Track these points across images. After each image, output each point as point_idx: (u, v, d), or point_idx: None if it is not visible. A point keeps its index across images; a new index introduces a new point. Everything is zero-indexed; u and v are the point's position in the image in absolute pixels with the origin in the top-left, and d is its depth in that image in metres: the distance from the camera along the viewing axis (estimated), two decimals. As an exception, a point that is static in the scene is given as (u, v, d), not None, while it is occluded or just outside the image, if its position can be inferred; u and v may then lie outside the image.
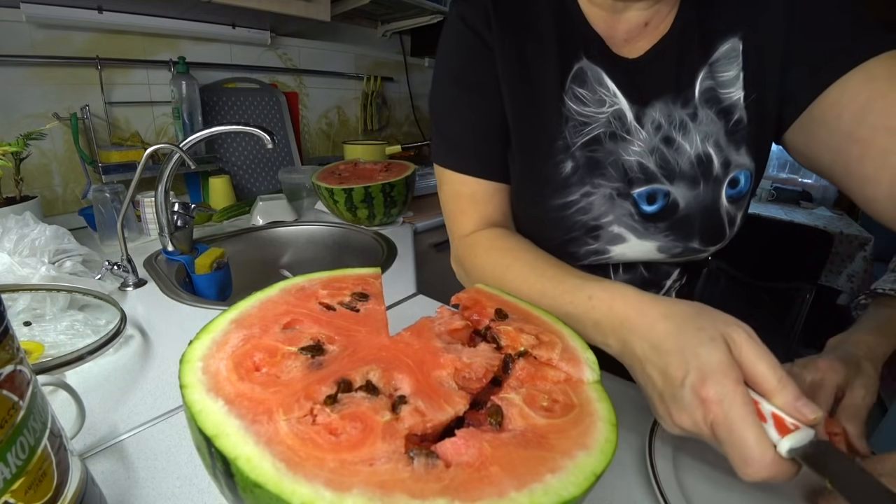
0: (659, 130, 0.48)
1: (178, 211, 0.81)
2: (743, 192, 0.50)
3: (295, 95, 1.49)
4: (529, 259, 0.46)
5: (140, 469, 0.38)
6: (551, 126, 0.50)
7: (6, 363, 0.24)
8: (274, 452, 0.22)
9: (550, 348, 0.34)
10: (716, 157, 0.48)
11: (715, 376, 0.29)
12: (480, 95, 0.52)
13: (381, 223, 1.09)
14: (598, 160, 0.49)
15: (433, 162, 0.58)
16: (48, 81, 1.00)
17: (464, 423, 0.27)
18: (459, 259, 0.55)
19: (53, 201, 1.05)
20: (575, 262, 0.53)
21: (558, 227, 0.52)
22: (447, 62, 0.54)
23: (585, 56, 0.49)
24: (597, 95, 0.49)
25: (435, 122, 0.56)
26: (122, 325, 0.54)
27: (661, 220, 0.50)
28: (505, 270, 0.47)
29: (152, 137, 1.19)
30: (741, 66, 0.48)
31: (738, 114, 0.48)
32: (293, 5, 1.13)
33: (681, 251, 0.51)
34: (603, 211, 0.50)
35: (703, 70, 0.48)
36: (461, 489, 0.22)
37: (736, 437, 0.27)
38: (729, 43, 0.48)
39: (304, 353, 0.29)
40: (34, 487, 0.24)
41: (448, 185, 0.55)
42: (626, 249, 0.52)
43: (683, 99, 0.48)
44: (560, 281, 0.42)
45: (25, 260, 0.60)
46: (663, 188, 0.49)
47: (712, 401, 0.28)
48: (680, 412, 0.31)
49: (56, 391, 0.42)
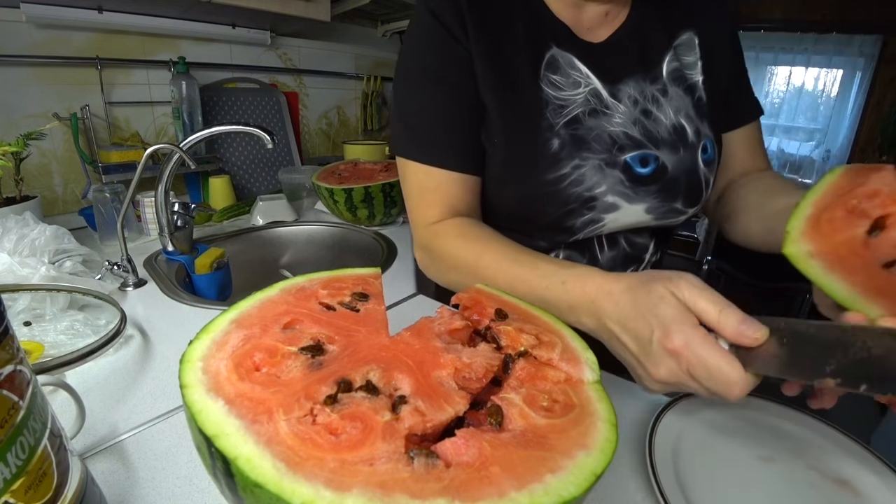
0: (636, 105, 0.53)
1: (178, 211, 0.81)
2: (711, 157, 0.56)
3: (295, 95, 1.49)
4: (500, 246, 0.49)
5: (140, 469, 0.38)
6: (533, 109, 0.52)
7: (6, 363, 0.24)
8: (274, 452, 0.22)
9: (550, 348, 0.34)
10: (688, 126, 0.54)
11: (674, 326, 0.32)
12: (448, 88, 0.53)
13: (381, 223, 1.09)
14: (580, 136, 0.52)
15: (394, 154, 0.58)
16: (48, 81, 1.00)
17: (464, 423, 0.27)
18: (426, 246, 0.56)
19: (53, 201, 1.05)
20: (570, 237, 0.56)
21: (554, 202, 0.53)
22: (415, 55, 0.55)
23: (555, 44, 0.53)
24: (570, 79, 0.53)
25: (399, 114, 0.57)
26: (122, 325, 0.54)
27: (653, 183, 0.53)
28: (478, 257, 0.49)
29: (152, 137, 1.19)
30: (699, 55, 0.56)
31: (699, 93, 0.56)
32: (293, 5, 1.13)
33: (665, 211, 0.55)
34: (595, 181, 0.52)
35: (669, 53, 0.55)
36: (461, 489, 0.22)
37: (713, 370, 0.31)
38: (686, 34, 0.56)
39: (304, 353, 0.29)
40: (34, 487, 0.24)
41: (413, 175, 0.56)
42: (619, 216, 0.54)
43: (652, 77, 0.54)
44: (533, 267, 0.45)
45: (25, 260, 0.60)
46: (652, 153, 0.52)
47: (680, 348, 0.32)
48: (657, 366, 0.34)
49: (56, 391, 0.42)
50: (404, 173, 0.57)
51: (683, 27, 0.55)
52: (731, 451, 0.41)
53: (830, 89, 3.00)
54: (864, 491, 0.38)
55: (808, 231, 0.32)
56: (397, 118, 0.58)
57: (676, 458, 0.40)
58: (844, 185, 0.34)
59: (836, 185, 0.34)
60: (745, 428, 0.44)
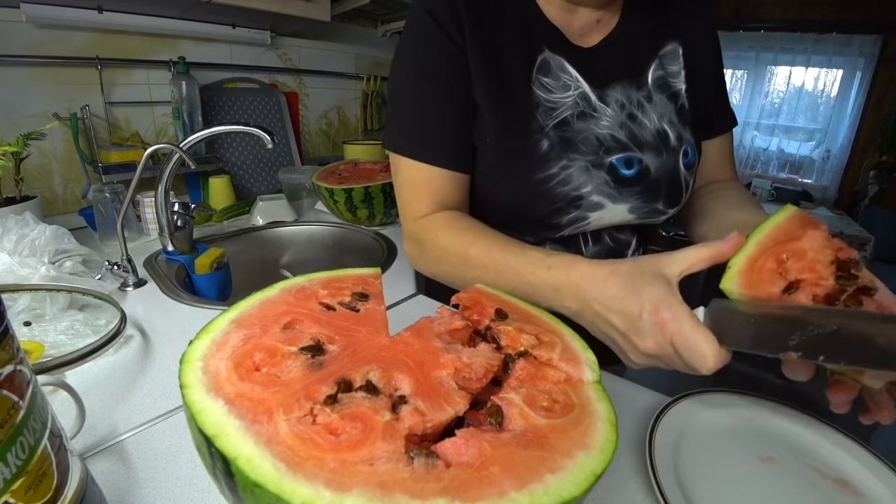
0: (623, 109, 0.55)
1: (178, 211, 0.81)
2: (692, 161, 0.58)
3: (295, 95, 1.49)
4: (489, 237, 0.51)
5: (140, 469, 0.38)
6: (524, 110, 0.54)
7: (6, 363, 0.24)
8: (274, 452, 0.22)
9: (550, 348, 0.34)
10: (671, 131, 0.56)
11: (664, 302, 0.36)
12: (442, 87, 0.55)
13: (381, 223, 1.09)
14: (569, 138, 0.54)
15: (387, 148, 0.59)
16: (48, 81, 1.00)
17: (464, 423, 0.27)
18: (416, 238, 0.58)
19: (53, 201, 1.05)
20: (556, 233, 0.58)
21: (542, 200, 0.55)
22: (410, 53, 0.57)
23: (547, 48, 0.55)
24: (561, 82, 0.55)
25: (394, 111, 0.59)
26: (122, 325, 0.54)
27: (637, 184, 0.55)
28: (468, 246, 0.51)
29: (152, 137, 1.19)
30: (682, 65, 0.58)
31: (681, 100, 0.58)
32: (293, 5, 1.13)
33: (647, 211, 0.57)
34: (582, 181, 0.54)
35: (655, 62, 0.57)
36: (461, 489, 0.22)
37: (692, 343, 0.34)
38: (672, 45, 0.58)
39: (304, 353, 0.29)
40: (34, 487, 0.24)
41: (405, 171, 0.57)
42: (603, 214, 0.57)
43: (638, 83, 0.56)
44: (521, 255, 0.47)
45: (25, 260, 0.60)
46: (636, 155, 0.55)
47: (667, 320, 0.35)
48: (644, 339, 0.37)
49: (56, 391, 0.42)
50: (396, 168, 0.59)
51: (669, 38, 0.58)
52: (731, 451, 0.41)
53: (830, 89, 3.00)
54: (864, 491, 0.38)
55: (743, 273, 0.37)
56: (391, 114, 0.59)
57: (676, 458, 0.40)
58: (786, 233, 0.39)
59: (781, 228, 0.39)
60: (745, 428, 0.44)
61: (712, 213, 0.58)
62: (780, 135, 3.20)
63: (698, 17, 0.60)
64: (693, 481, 0.38)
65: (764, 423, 0.45)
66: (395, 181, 0.60)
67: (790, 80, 3.07)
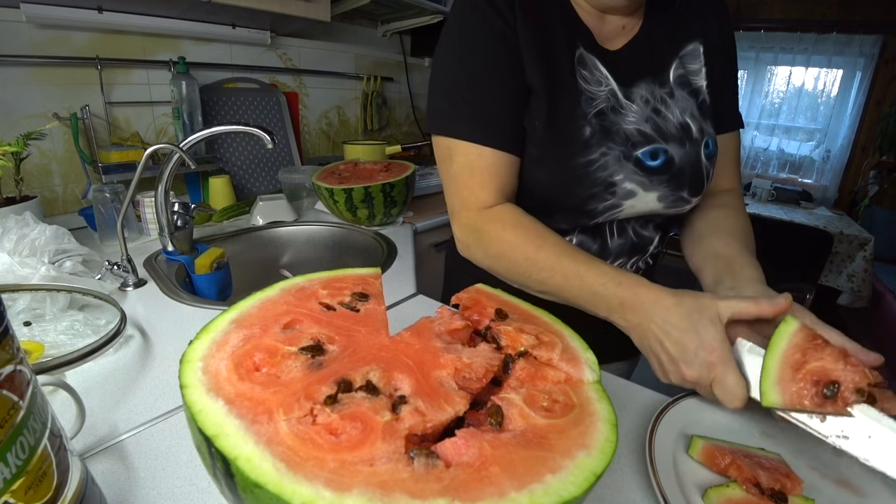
0: (648, 104, 0.58)
1: (178, 211, 0.81)
2: (713, 153, 0.62)
3: (295, 95, 1.49)
4: (556, 241, 0.54)
5: (140, 469, 0.38)
6: (571, 97, 0.56)
7: (6, 363, 0.24)
8: (274, 452, 0.22)
9: (550, 348, 0.34)
10: (693, 124, 0.59)
11: (718, 350, 0.42)
12: (501, 70, 0.55)
13: (381, 223, 1.09)
14: (607, 127, 0.57)
15: (440, 133, 0.58)
16: (48, 81, 1.00)
17: (464, 423, 0.27)
18: (477, 228, 0.57)
19: (53, 201, 1.05)
20: (590, 220, 0.60)
21: (582, 184, 0.57)
22: (465, 36, 0.57)
23: (582, 45, 0.57)
24: (595, 76, 0.58)
25: (445, 94, 0.57)
26: (122, 325, 0.54)
27: (664, 173, 0.58)
28: (537, 249, 0.53)
29: (152, 137, 1.19)
30: (703, 63, 0.62)
31: (702, 96, 0.62)
32: (293, 5, 1.13)
33: (674, 199, 0.60)
34: (615, 169, 0.57)
35: (675, 61, 0.61)
36: (461, 489, 0.22)
37: (729, 384, 0.40)
38: (692, 45, 0.61)
39: (305, 354, 0.29)
40: (34, 487, 0.24)
41: (463, 156, 0.56)
42: (635, 202, 0.59)
43: (660, 81, 0.60)
44: (592, 265, 0.50)
45: (25, 260, 0.60)
46: (661, 146, 0.57)
47: (716, 363, 0.41)
48: (690, 369, 0.43)
49: (56, 391, 0.42)
50: (450, 154, 0.57)
51: (690, 38, 0.61)
52: (731, 451, 0.41)
53: (830, 89, 3.00)
54: (865, 491, 0.38)
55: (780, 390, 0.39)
56: (442, 98, 0.58)
57: (676, 458, 0.40)
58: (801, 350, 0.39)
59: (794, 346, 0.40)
60: (746, 428, 0.44)
61: (699, 232, 0.62)
62: (780, 135, 3.19)
63: (718, 19, 0.63)
64: (693, 481, 0.37)
65: (764, 423, 0.45)
66: (448, 168, 0.58)
67: (790, 80, 3.07)
